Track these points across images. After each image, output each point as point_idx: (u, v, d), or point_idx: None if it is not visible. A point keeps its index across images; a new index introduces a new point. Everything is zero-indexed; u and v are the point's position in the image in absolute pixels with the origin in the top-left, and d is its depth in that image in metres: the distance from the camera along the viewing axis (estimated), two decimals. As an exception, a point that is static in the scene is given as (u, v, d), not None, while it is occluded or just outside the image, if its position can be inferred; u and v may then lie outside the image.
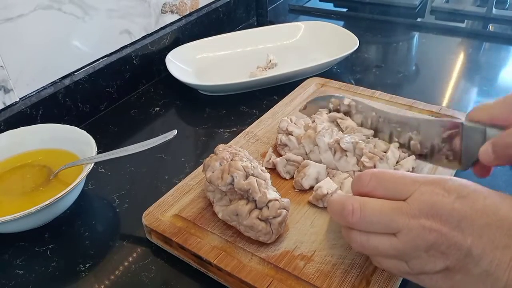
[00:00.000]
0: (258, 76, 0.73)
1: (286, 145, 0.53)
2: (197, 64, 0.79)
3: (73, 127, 0.55)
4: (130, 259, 0.46)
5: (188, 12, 0.85)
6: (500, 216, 0.28)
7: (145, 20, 0.75)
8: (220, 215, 0.44)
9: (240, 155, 0.46)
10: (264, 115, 0.63)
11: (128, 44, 0.74)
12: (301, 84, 0.70)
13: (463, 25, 0.95)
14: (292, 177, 0.51)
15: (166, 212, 0.47)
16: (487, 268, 0.28)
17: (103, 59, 0.70)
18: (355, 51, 0.74)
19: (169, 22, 0.81)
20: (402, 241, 0.30)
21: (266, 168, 0.49)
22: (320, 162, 0.51)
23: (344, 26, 0.84)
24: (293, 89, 0.69)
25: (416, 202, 0.30)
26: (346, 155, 0.49)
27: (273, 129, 0.59)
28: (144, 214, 0.47)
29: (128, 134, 0.65)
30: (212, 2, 0.90)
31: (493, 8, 0.94)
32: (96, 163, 0.51)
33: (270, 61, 0.78)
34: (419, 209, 0.30)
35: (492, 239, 0.28)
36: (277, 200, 0.42)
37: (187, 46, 0.80)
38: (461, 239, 0.28)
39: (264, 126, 0.60)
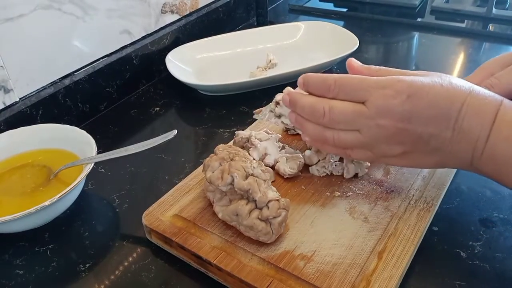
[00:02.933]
0: (258, 76, 0.73)
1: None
2: (197, 64, 0.79)
3: (73, 127, 0.55)
4: (130, 259, 0.46)
5: (188, 12, 0.85)
6: (440, 108, 0.35)
7: (145, 20, 0.75)
8: (220, 215, 0.44)
9: (240, 155, 0.46)
10: (264, 115, 0.63)
11: (128, 44, 0.74)
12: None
13: (463, 25, 0.95)
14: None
15: (166, 212, 0.47)
16: (435, 146, 0.37)
17: (103, 59, 0.70)
18: (355, 51, 0.74)
19: (169, 22, 0.81)
20: (364, 136, 0.38)
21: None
22: None
23: (344, 26, 0.84)
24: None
25: (373, 106, 0.37)
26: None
27: (273, 129, 0.59)
28: (144, 214, 0.47)
29: (128, 134, 0.65)
30: (212, 2, 0.90)
31: (493, 8, 0.94)
32: (96, 163, 0.51)
33: (270, 61, 0.78)
34: (376, 111, 0.36)
35: (436, 125, 0.36)
36: (277, 200, 0.42)
37: (187, 46, 0.80)
38: (413, 130, 0.36)
39: (264, 126, 0.60)
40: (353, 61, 0.45)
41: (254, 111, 0.54)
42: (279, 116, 0.51)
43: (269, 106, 0.52)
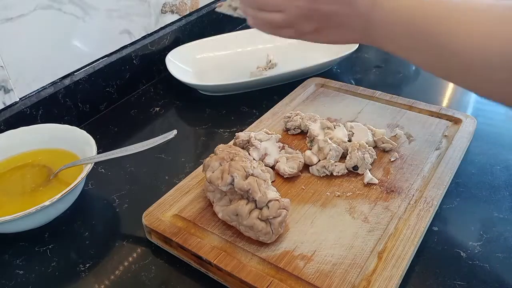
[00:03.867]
0: (258, 76, 0.73)
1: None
2: (197, 64, 0.79)
3: (73, 127, 0.55)
4: (130, 259, 0.46)
5: (188, 12, 0.85)
6: None
7: (145, 20, 0.75)
8: (220, 215, 0.44)
9: (240, 155, 0.46)
10: (264, 115, 0.63)
11: (128, 44, 0.74)
12: (301, 84, 0.70)
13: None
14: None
15: (166, 212, 0.47)
16: (339, 21, 0.44)
17: (103, 59, 0.70)
18: (355, 51, 0.74)
19: (169, 22, 0.81)
20: (287, 16, 0.46)
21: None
22: None
23: (344, 26, 0.84)
24: (293, 89, 0.69)
25: None
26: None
27: (273, 129, 0.60)
28: (144, 214, 0.47)
29: (128, 134, 0.65)
30: (212, 2, 0.90)
31: (493, 8, 0.94)
32: (96, 163, 0.51)
33: (270, 61, 0.78)
34: None
35: (336, 3, 0.43)
36: (277, 200, 0.42)
37: (187, 46, 0.80)
38: (318, 8, 0.44)
39: (264, 126, 0.60)
40: None
41: (216, 5, 0.62)
42: (235, 9, 0.59)
43: (228, 1, 0.59)
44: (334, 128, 0.57)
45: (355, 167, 0.51)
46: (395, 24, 0.41)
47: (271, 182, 0.48)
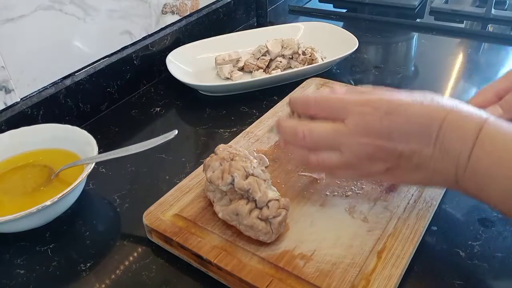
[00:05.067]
0: (258, 76, 0.73)
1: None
2: (197, 64, 0.79)
3: (74, 127, 0.55)
4: (131, 258, 0.46)
5: (188, 13, 0.85)
6: (420, 124, 0.35)
7: (145, 20, 0.76)
8: (220, 215, 0.45)
9: (240, 155, 0.46)
10: (264, 115, 0.63)
11: (129, 45, 0.74)
12: (301, 84, 0.70)
13: (462, 25, 0.95)
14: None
15: (167, 212, 0.47)
16: (418, 163, 0.36)
17: (104, 60, 0.70)
18: (354, 51, 0.74)
19: (169, 23, 0.81)
20: (346, 155, 0.38)
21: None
22: None
23: (343, 27, 0.84)
24: (293, 89, 0.69)
25: (352, 124, 0.37)
26: None
27: (273, 129, 0.60)
28: (144, 214, 0.47)
29: (129, 134, 0.66)
30: (213, 3, 0.91)
31: (492, 9, 0.94)
32: (97, 163, 0.51)
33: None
34: (355, 129, 0.36)
35: (416, 142, 0.35)
36: (277, 199, 0.42)
37: (188, 46, 0.80)
38: (393, 147, 0.36)
39: (264, 126, 0.60)
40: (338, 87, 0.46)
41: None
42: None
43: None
44: None
45: None
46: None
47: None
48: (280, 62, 0.75)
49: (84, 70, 0.67)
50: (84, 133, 0.54)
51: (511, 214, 0.34)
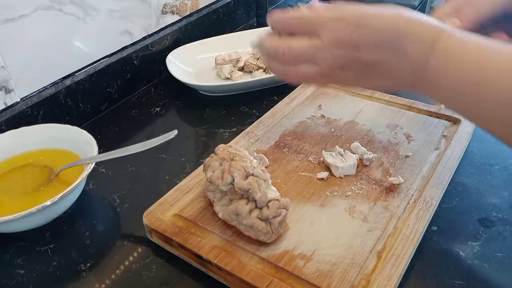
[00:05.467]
0: (258, 76, 0.73)
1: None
2: (197, 64, 0.79)
3: (74, 127, 0.55)
4: (131, 258, 0.46)
5: (188, 13, 0.85)
6: (386, 34, 0.38)
7: (145, 20, 0.76)
8: (220, 215, 0.45)
9: (240, 155, 0.46)
10: (264, 115, 0.63)
11: (129, 45, 0.74)
12: (301, 84, 0.70)
13: (462, 25, 0.95)
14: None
15: (167, 212, 0.47)
16: (381, 70, 0.39)
17: (104, 60, 0.70)
18: (354, 51, 0.74)
19: (169, 23, 0.81)
20: (321, 67, 0.41)
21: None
22: None
23: (344, 27, 0.84)
24: (293, 89, 0.69)
25: (326, 38, 0.40)
26: None
27: (273, 129, 0.60)
28: (144, 214, 0.47)
29: (129, 134, 0.66)
30: (213, 3, 0.91)
31: (493, 9, 0.94)
32: (97, 163, 0.51)
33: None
34: (329, 43, 0.40)
35: (381, 52, 0.38)
36: (277, 199, 0.42)
37: (188, 46, 0.80)
38: (359, 57, 0.39)
39: (264, 126, 0.60)
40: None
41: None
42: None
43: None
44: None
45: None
46: (461, 70, 0.36)
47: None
48: None
49: (84, 70, 0.67)
50: (84, 133, 0.54)
51: (459, 110, 0.38)
